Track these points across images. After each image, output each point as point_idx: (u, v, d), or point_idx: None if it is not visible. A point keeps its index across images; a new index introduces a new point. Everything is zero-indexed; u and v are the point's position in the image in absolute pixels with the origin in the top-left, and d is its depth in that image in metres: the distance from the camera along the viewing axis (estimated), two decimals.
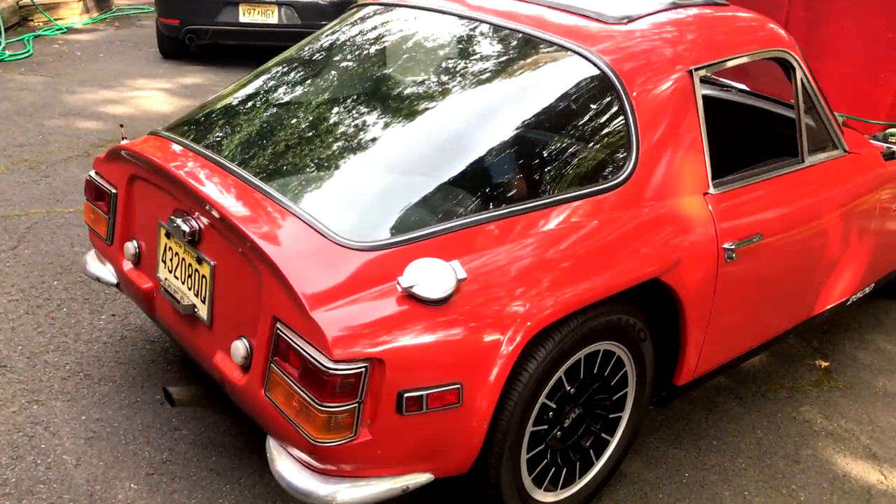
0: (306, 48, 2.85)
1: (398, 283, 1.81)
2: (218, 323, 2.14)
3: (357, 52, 2.77)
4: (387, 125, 2.39)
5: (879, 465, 2.67)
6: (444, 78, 2.46)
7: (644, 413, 2.39)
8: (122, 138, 2.71)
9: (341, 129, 2.41)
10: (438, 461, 1.93)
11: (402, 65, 2.63)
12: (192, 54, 7.41)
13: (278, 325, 1.87)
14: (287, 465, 1.91)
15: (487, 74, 2.41)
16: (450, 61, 2.51)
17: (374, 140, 2.34)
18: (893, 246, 3.24)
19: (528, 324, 1.88)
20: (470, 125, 2.31)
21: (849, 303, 3.12)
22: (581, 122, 2.27)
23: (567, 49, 2.32)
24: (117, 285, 2.62)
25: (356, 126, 2.40)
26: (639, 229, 2.14)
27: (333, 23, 2.93)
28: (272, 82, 2.75)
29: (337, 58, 2.78)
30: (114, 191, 2.52)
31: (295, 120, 2.51)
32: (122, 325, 3.05)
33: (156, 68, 6.91)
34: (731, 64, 2.50)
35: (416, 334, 1.79)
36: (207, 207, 2.06)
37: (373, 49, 2.75)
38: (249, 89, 2.74)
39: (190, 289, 2.22)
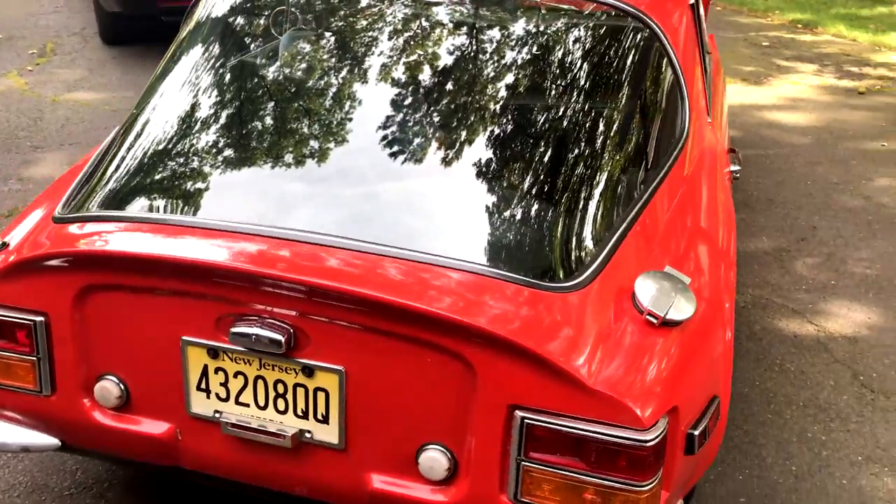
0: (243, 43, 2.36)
1: (648, 313, 1.56)
2: (359, 443, 1.69)
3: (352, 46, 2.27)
4: (469, 136, 1.98)
5: None
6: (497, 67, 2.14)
7: None
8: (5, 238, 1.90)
9: (400, 149, 1.96)
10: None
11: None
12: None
13: (524, 415, 1.54)
14: None
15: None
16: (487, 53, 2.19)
17: (456, 160, 1.93)
18: None
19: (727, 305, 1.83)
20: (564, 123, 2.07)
21: None
22: None
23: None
24: (63, 447, 1.93)
25: (419, 145, 1.96)
26: None
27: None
28: (221, 94, 2.20)
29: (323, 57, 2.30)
30: (39, 318, 1.78)
31: (317, 144, 2.02)
32: None
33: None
34: None
35: (683, 362, 1.60)
36: (322, 293, 1.57)
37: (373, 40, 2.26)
38: (184, 111, 2.15)
39: (284, 412, 1.71)
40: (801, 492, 2.38)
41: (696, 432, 1.61)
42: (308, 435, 1.70)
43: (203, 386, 1.74)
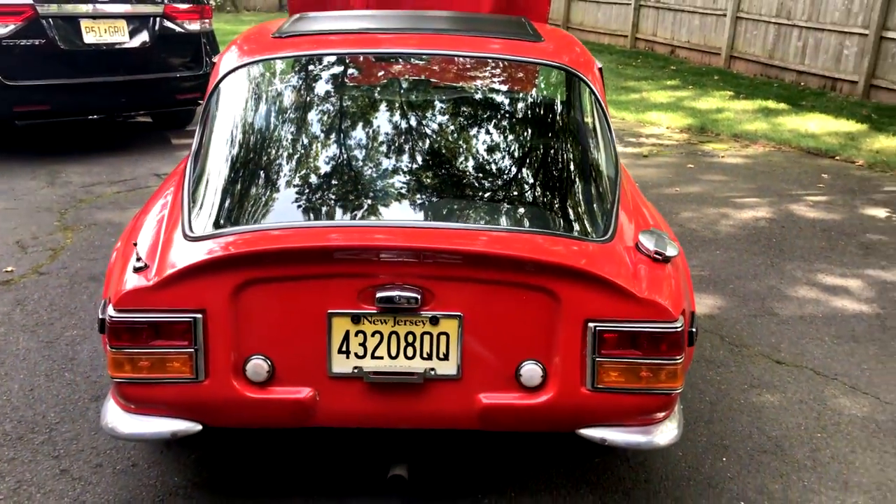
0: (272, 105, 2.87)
1: (654, 253, 2.31)
2: (472, 371, 2.27)
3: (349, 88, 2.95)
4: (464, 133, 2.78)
5: None
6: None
7: None
8: (138, 259, 2.27)
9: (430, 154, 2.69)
10: None
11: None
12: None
13: (595, 325, 2.21)
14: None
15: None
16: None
17: (473, 150, 2.73)
18: None
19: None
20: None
21: None
22: None
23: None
24: (203, 430, 2.32)
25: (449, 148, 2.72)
26: None
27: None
28: (281, 133, 2.75)
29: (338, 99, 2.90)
30: (198, 315, 2.19)
31: (382, 158, 2.65)
32: None
33: None
34: None
35: (678, 283, 2.35)
36: (445, 255, 2.17)
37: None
38: (254, 148, 2.70)
39: (412, 357, 2.25)
40: (718, 411, 3.26)
41: (694, 329, 2.41)
42: (433, 372, 2.27)
43: (344, 349, 2.26)
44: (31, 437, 2.94)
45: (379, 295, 2.20)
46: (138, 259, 2.29)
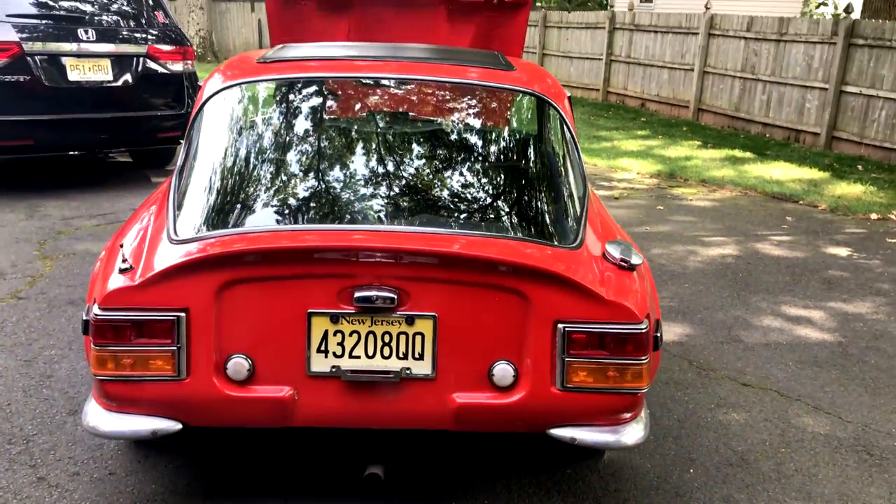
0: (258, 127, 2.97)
1: (620, 261, 2.43)
2: (446, 370, 2.35)
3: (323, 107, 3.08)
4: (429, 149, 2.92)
5: None
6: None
7: None
8: (123, 261, 2.35)
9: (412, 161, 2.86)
10: None
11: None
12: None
13: (564, 326, 2.31)
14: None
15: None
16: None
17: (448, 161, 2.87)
18: None
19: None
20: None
21: None
22: None
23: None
24: (183, 429, 2.37)
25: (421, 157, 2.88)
26: None
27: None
28: (267, 144, 2.86)
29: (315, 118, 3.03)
30: (181, 314, 2.27)
31: (360, 165, 2.79)
32: None
33: None
34: None
35: (643, 290, 2.45)
36: (424, 259, 2.26)
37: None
38: (246, 158, 2.79)
39: (388, 357, 2.33)
40: (686, 427, 3.35)
41: (659, 335, 2.51)
42: (408, 371, 2.35)
43: (323, 348, 2.34)
44: (7, 448, 2.96)
45: (357, 295, 2.29)
46: (124, 260, 2.36)
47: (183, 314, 2.28)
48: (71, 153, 7.05)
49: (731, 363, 4.00)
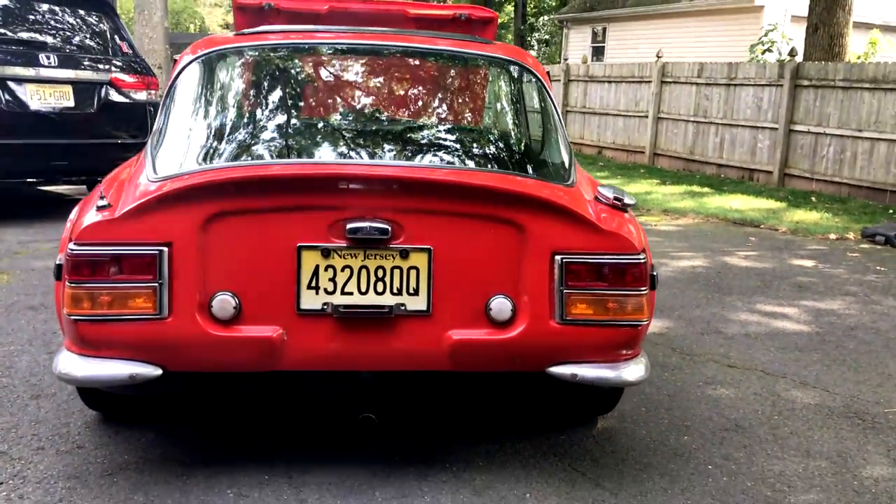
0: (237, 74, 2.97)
1: (613, 199, 2.41)
2: (442, 306, 2.25)
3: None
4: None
5: None
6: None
7: None
8: (101, 198, 2.22)
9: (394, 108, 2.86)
10: None
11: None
12: None
13: (562, 257, 2.24)
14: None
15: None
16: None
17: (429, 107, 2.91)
18: None
19: None
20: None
21: None
22: None
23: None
24: (164, 374, 2.21)
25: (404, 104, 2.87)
26: None
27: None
28: (252, 89, 2.86)
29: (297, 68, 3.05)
30: (163, 248, 2.15)
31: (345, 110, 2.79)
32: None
33: None
34: None
35: (636, 227, 2.43)
36: (418, 189, 2.19)
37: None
38: (232, 102, 2.82)
39: (382, 293, 2.23)
40: (676, 401, 3.28)
41: (655, 273, 2.47)
42: (402, 308, 2.26)
43: (313, 284, 2.23)
44: None
45: (349, 226, 2.20)
46: (101, 198, 2.25)
47: (165, 248, 2.17)
48: (28, 181, 6.84)
49: (714, 349, 3.96)
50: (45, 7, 6.77)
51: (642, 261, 2.32)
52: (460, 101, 3.03)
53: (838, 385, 3.55)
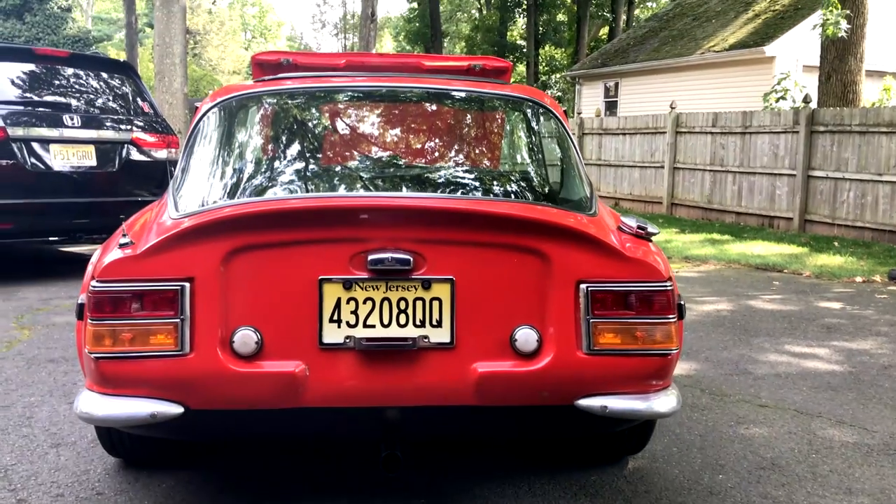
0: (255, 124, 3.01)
1: (637, 229, 2.38)
2: (466, 338, 2.20)
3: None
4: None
5: None
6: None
7: None
8: (124, 236, 2.21)
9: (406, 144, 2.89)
10: None
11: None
12: None
13: (587, 286, 2.21)
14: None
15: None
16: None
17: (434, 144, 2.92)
18: None
19: None
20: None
21: None
22: None
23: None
24: (185, 413, 2.15)
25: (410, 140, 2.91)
26: None
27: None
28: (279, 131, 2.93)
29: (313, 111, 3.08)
30: (185, 284, 2.13)
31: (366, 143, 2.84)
32: None
33: None
34: None
35: (661, 256, 2.38)
36: (439, 219, 2.17)
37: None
38: (251, 141, 2.88)
39: (405, 325, 2.18)
40: (709, 441, 3.18)
41: (683, 303, 2.42)
42: (426, 340, 2.21)
43: (335, 317, 2.20)
44: None
45: (370, 258, 2.18)
46: (124, 236, 2.25)
47: (187, 284, 2.15)
48: (51, 239, 6.91)
49: (745, 389, 3.86)
50: (69, 71, 6.94)
51: (669, 288, 2.27)
52: (480, 139, 3.04)
53: (877, 423, 3.43)
